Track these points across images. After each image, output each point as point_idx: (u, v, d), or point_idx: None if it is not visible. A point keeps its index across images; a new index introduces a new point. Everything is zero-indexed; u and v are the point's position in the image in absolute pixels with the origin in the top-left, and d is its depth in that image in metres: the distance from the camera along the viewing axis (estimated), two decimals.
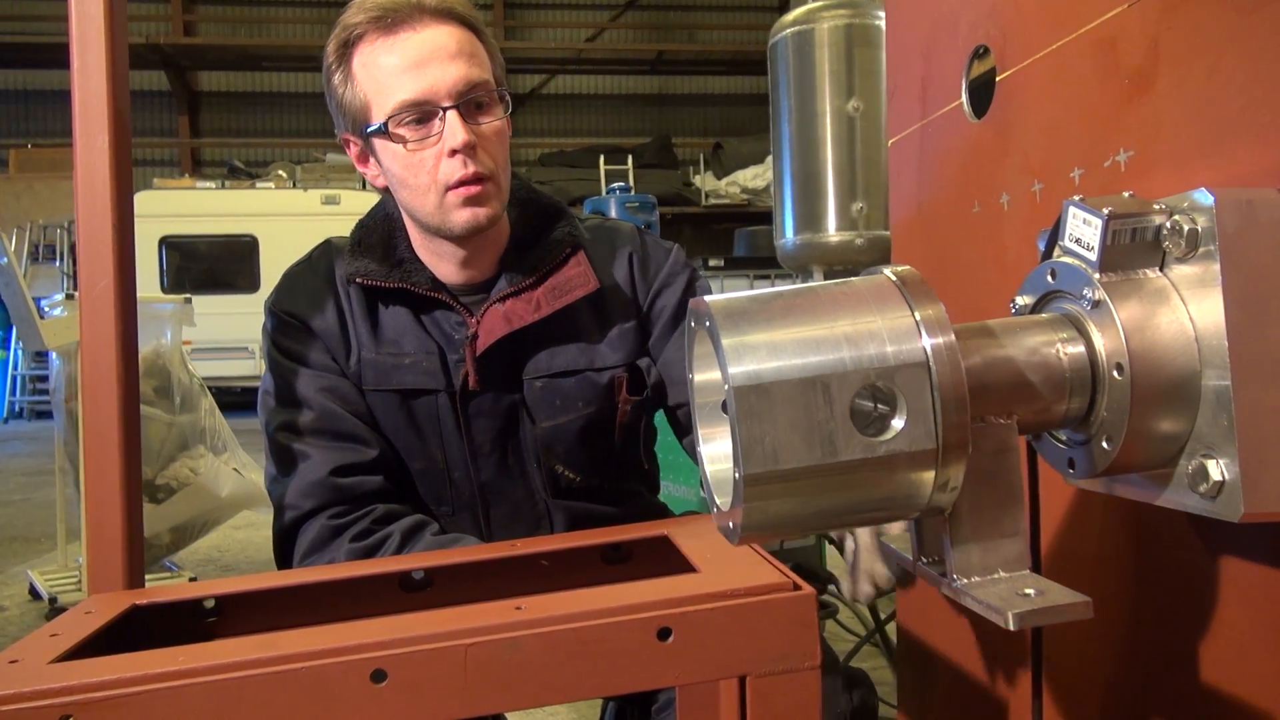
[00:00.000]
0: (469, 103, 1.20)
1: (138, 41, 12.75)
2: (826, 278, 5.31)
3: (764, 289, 0.62)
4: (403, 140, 1.21)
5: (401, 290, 1.30)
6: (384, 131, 1.21)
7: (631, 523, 1.41)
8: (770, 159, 6.27)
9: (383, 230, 1.35)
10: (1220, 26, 0.68)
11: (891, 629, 1.58)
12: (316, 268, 1.36)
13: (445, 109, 1.19)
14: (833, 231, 5.71)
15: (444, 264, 1.32)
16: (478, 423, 1.31)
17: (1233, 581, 0.67)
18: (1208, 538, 0.69)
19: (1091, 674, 0.85)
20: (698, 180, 13.89)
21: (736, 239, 12.46)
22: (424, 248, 1.32)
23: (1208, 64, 0.69)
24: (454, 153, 1.19)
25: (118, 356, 1.15)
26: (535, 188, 1.43)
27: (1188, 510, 0.61)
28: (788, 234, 5.98)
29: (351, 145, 1.31)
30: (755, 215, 12.66)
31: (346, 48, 1.24)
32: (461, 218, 1.23)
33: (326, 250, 1.38)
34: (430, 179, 1.21)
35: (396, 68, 1.19)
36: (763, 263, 10.66)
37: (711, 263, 11.17)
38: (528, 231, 1.35)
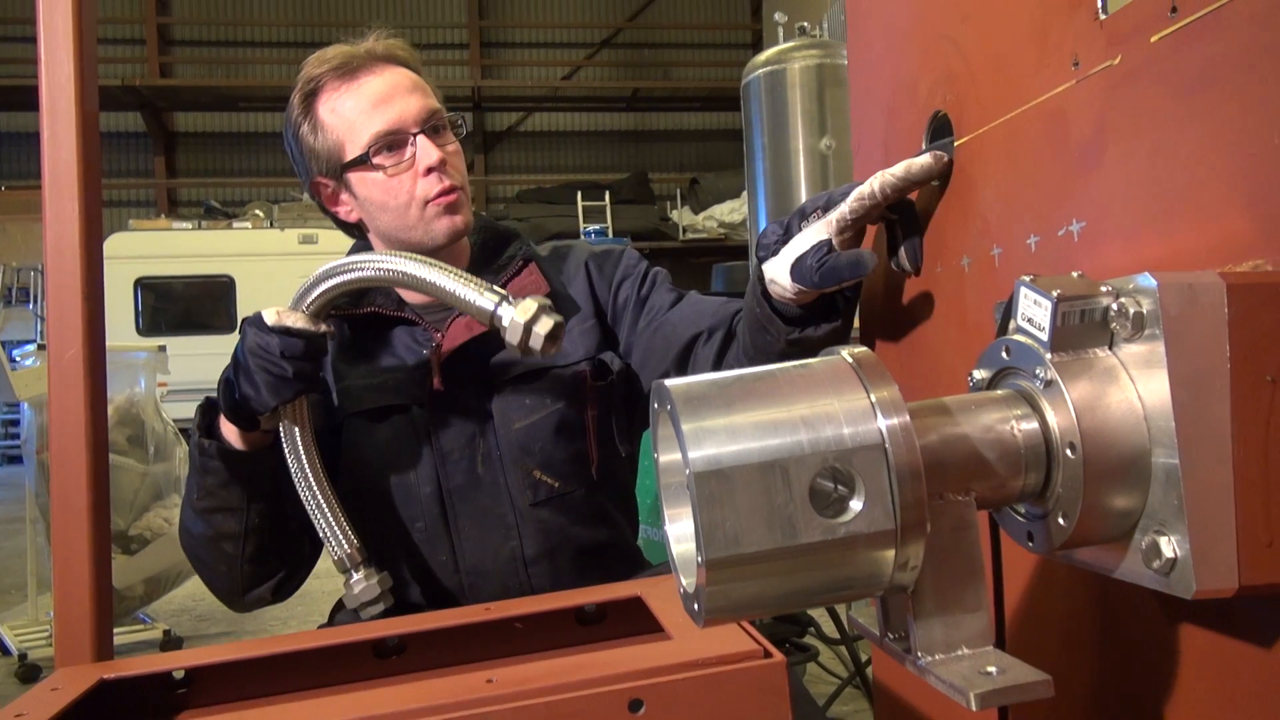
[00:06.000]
0: (430, 128, 1.35)
1: (113, 83, 12.74)
2: None
3: (724, 372, 0.63)
4: (382, 168, 1.33)
5: (373, 315, 1.40)
6: (365, 161, 1.33)
7: (604, 554, 1.43)
8: (746, 193, 6.33)
9: None
10: (1163, 107, 0.70)
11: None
12: None
13: (415, 134, 1.33)
14: None
15: (410, 290, 1.39)
16: (446, 430, 1.37)
17: (1192, 652, 0.68)
18: (1168, 608, 0.70)
19: None
20: (675, 215, 13.96)
21: (714, 274, 12.50)
22: None
23: (1152, 142, 0.71)
24: (429, 171, 1.33)
25: (86, 425, 1.15)
26: (492, 220, 1.58)
27: (1144, 585, 0.62)
28: None
29: (323, 188, 1.41)
30: (732, 249, 12.73)
31: (310, 98, 1.36)
32: (442, 225, 1.36)
33: None
34: (410, 196, 1.34)
35: (364, 107, 1.33)
36: (740, 297, 10.70)
37: None
38: (485, 254, 1.49)
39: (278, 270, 10.14)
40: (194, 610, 4.26)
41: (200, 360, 9.73)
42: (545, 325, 1.15)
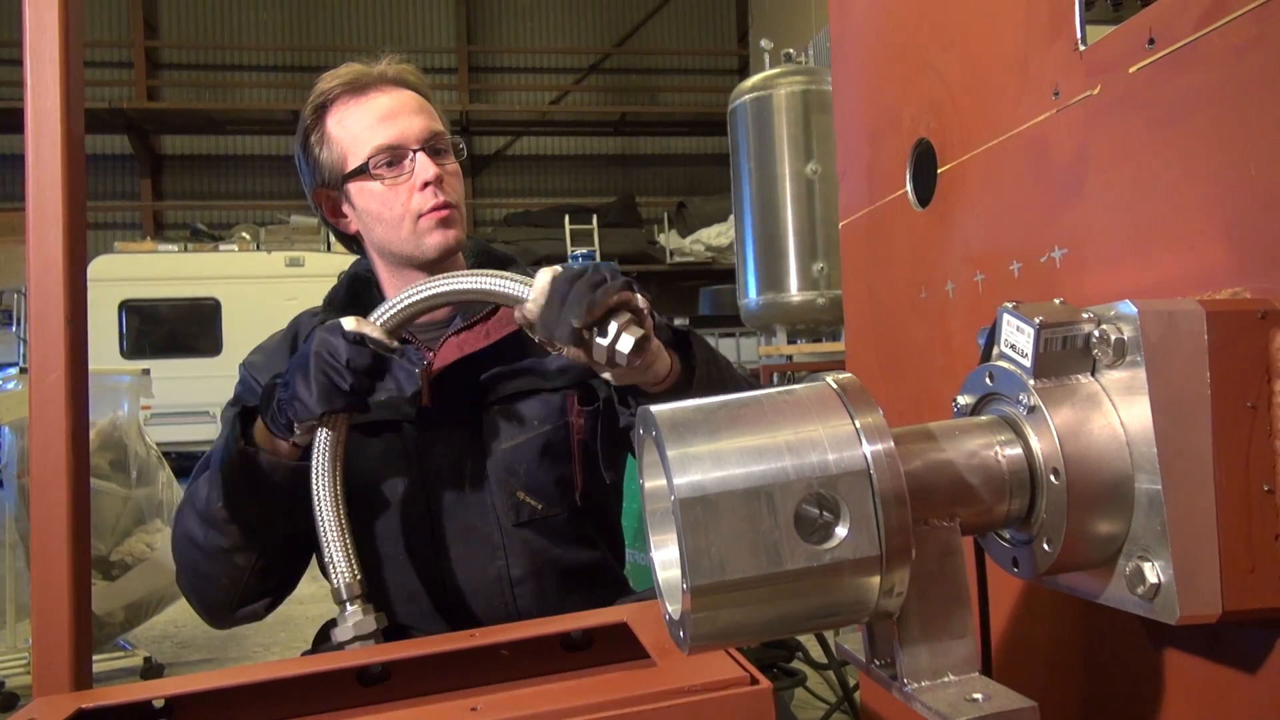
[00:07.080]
0: (431, 148, 1.38)
1: (100, 106, 12.72)
2: (790, 337, 5.30)
3: (710, 398, 0.63)
4: (380, 178, 1.37)
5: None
6: (364, 171, 1.36)
7: (590, 576, 1.43)
8: (733, 216, 6.38)
9: (349, 289, 1.49)
10: (1142, 136, 0.71)
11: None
12: (285, 335, 1.50)
13: (414, 151, 1.37)
14: (794, 291, 5.80)
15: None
16: (435, 448, 1.38)
17: (1177, 677, 0.68)
18: (1152, 634, 0.70)
19: None
20: (662, 238, 14.01)
21: (701, 298, 12.55)
22: (392, 291, 1.41)
23: (1132, 171, 0.72)
24: (425, 185, 1.36)
25: (68, 450, 1.13)
26: (489, 244, 1.60)
27: (1128, 609, 0.62)
28: (750, 294, 6.06)
29: (326, 198, 1.44)
30: (719, 273, 12.78)
31: (321, 110, 1.41)
32: (434, 240, 1.37)
33: (295, 319, 1.53)
34: (404, 210, 1.36)
35: (369, 121, 1.37)
36: (727, 321, 10.73)
37: (677, 321, 11.20)
38: None
39: (264, 293, 10.10)
40: (175, 637, 4.20)
41: (185, 383, 9.70)
42: (627, 343, 1.08)
